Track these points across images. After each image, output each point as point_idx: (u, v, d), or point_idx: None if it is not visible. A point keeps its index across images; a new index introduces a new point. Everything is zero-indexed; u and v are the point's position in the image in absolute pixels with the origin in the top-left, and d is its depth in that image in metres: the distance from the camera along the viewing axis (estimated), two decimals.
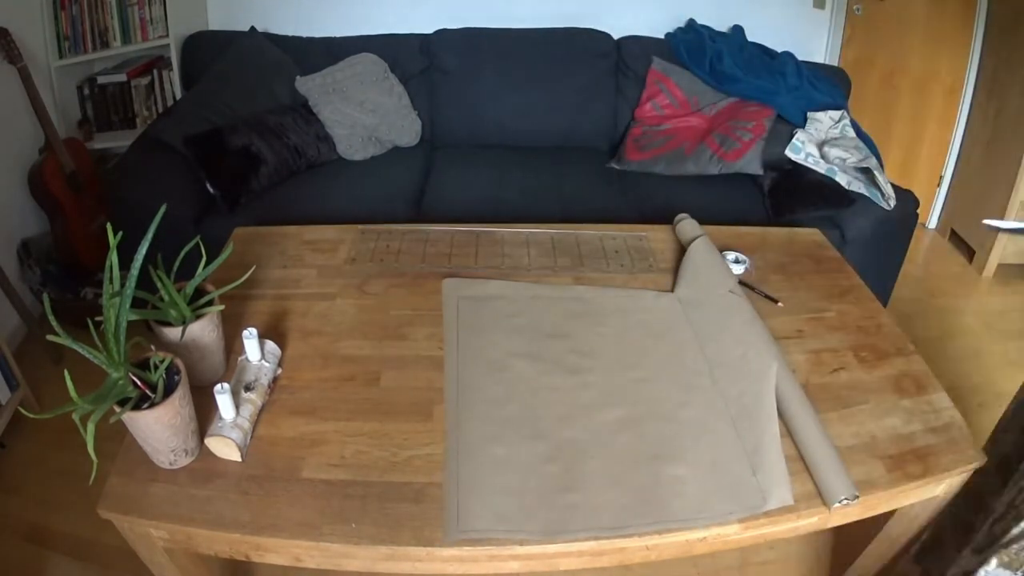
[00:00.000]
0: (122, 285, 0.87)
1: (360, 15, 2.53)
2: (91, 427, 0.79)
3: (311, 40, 2.48)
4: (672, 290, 1.34)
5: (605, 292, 1.34)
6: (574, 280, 1.38)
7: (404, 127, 2.42)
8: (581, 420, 1.06)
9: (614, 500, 0.94)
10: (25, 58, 1.98)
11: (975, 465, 1.02)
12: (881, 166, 1.96)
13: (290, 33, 2.50)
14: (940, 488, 1.05)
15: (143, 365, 0.92)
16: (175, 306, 0.99)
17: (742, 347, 1.16)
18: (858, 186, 1.95)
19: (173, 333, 0.98)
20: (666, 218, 1.57)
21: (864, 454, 1.02)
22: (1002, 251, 2.47)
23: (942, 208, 2.80)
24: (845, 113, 2.21)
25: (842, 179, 1.96)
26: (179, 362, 0.93)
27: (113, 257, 0.88)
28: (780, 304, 1.33)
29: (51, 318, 0.83)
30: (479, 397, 1.09)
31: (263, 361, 1.07)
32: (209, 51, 2.36)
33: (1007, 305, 2.42)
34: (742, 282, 1.38)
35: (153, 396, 0.88)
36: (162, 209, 0.96)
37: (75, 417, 0.81)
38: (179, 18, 2.38)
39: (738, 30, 2.53)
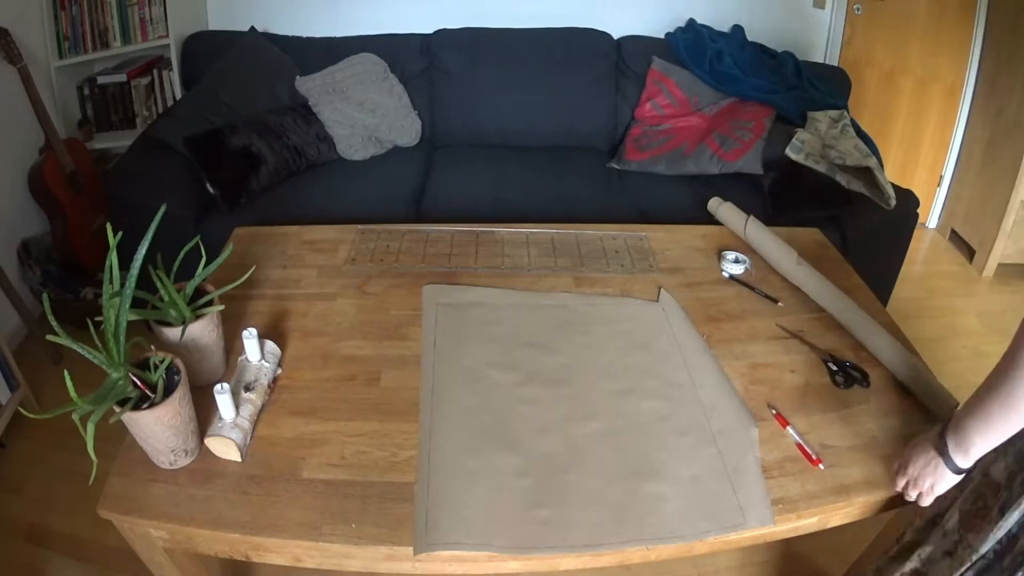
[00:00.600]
0: (122, 285, 0.87)
1: (360, 15, 2.53)
2: (91, 427, 0.79)
3: (311, 40, 2.48)
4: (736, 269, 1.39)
5: (589, 300, 1.32)
6: (574, 280, 1.38)
7: (404, 127, 2.42)
8: (557, 433, 1.03)
9: (588, 517, 0.91)
10: (25, 58, 1.98)
11: None
12: (881, 166, 1.96)
13: (290, 33, 2.50)
14: None
15: (143, 365, 0.92)
16: (175, 306, 0.99)
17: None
18: (858, 186, 1.95)
19: (173, 333, 0.98)
20: (666, 218, 1.57)
21: (864, 454, 1.02)
22: (1002, 251, 2.47)
23: (942, 208, 2.80)
24: (845, 113, 2.21)
25: (842, 179, 1.96)
26: (179, 362, 0.93)
27: (113, 257, 0.88)
28: (780, 304, 1.33)
29: (51, 318, 0.83)
30: (453, 407, 1.07)
31: (263, 361, 1.07)
32: (209, 51, 2.36)
33: (1007, 305, 2.42)
34: (741, 282, 1.38)
35: (153, 396, 0.88)
36: (162, 209, 0.96)
37: (75, 417, 0.81)
38: (179, 18, 2.38)
39: (738, 30, 2.53)
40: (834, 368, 1.17)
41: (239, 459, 0.96)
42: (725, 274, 1.41)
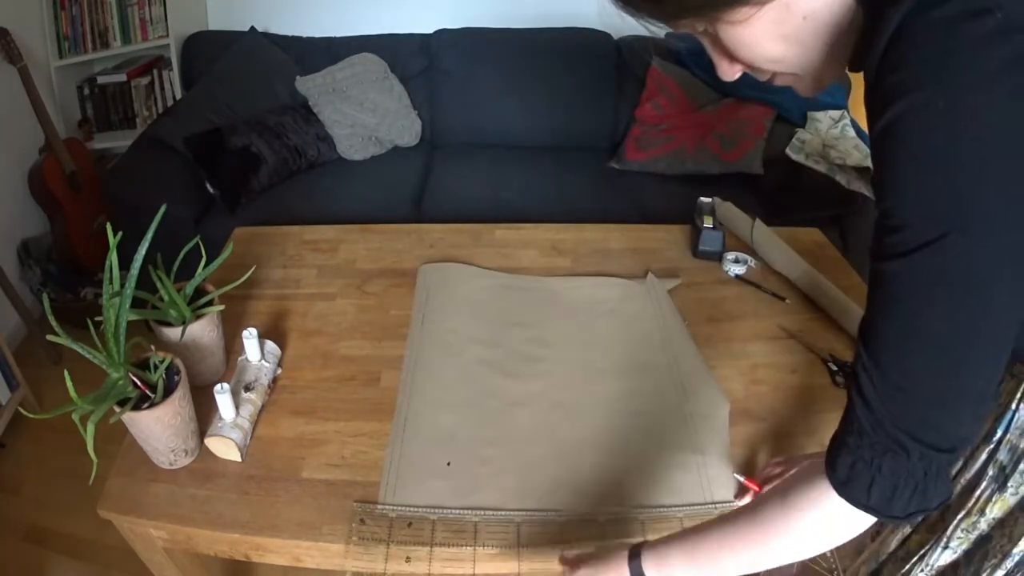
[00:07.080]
0: (122, 285, 0.87)
1: (360, 15, 2.53)
2: (91, 427, 0.79)
3: (311, 40, 2.48)
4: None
5: (578, 281, 1.34)
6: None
7: (404, 127, 2.42)
8: (530, 407, 1.06)
9: (548, 484, 0.94)
10: (25, 58, 1.98)
11: None
12: None
13: (290, 33, 2.50)
14: None
15: (143, 365, 0.92)
16: (175, 306, 0.99)
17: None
18: (858, 186, 1.94)
19: (173, 333, 0.98)
20: (666, 218, 1.57)
21: None
22: None
23: None
24: (845, 113, 2.21)
25: (842, 179, 1.96)
26: (179, 362, 0.93)
27: (113, 257, 0.88)
28: (788, 302, 1.33)
29: (51, 318, 0.83)
30: (433, 380, 1.10)
31: (263, 361, 1.07)
32: (209, 51, 2.37)
33: None
34: (748, 281, 1.38)
35: (153, 396, 0.88)
36: (162, 209, 0.96)
37: (75, 417, 0.81)
38: (179, 18, 2.38)
39: None
40: (834, 368, 1.16)
41: (239, 459, 0.96)
42: (731, 274, 1.40)
